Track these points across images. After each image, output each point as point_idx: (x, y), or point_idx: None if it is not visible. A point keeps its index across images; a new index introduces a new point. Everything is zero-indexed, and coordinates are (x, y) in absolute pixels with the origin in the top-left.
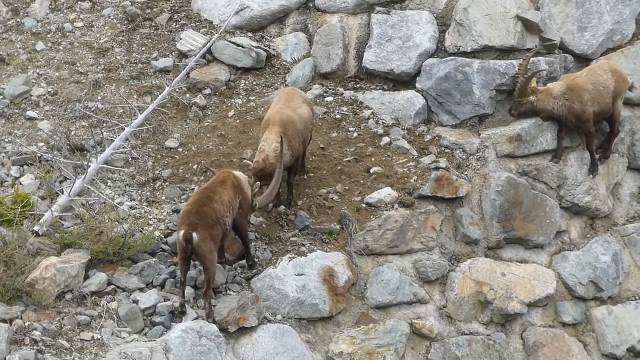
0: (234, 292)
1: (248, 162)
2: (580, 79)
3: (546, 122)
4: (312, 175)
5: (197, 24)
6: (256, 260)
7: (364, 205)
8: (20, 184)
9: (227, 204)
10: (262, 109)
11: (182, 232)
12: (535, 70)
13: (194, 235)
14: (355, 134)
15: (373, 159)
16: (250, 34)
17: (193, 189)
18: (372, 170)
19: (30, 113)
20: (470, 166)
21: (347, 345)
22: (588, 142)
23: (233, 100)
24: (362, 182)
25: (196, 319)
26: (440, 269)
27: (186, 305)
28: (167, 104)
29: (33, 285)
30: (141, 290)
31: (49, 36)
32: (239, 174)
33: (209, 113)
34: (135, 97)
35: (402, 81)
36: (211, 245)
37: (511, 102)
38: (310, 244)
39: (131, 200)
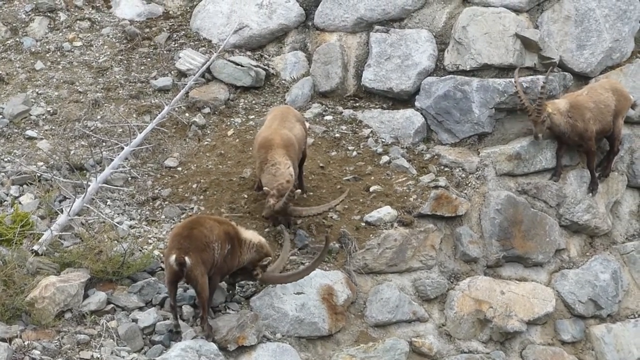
0: (233, 310)
1: (267, 189)
2: (582, 97)
3: (545, 140)
4: (311, 194)
5: (196, 42)
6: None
7: (363, 224)
8: (20, 203)
9: (216, 235)
10: (260, 128)
11: (173, 256)
12: (551, 89)
13: (187, 259)
14: (355, 153)
15: (372, 178)
16: (249, 53)
17: (192, 208)
18: (371, 189)
19: (30, 132)
20: (469, 184)
21: None
22: (589, 161)
23: (232, 119)
24: (361, 200)
25: (195, 337)
26: (439, 287)
27: (180, 326)
28: (166, 123)
29: (32, 304)
30: (140, 309)
31: (47, 55)
32: (242, 231)
33: (208, 132)
34: (134, 116)
35: (401, 99)
36: (202, 269)
37: (533, 126)
38: (309, 263)
39: (130, 219)
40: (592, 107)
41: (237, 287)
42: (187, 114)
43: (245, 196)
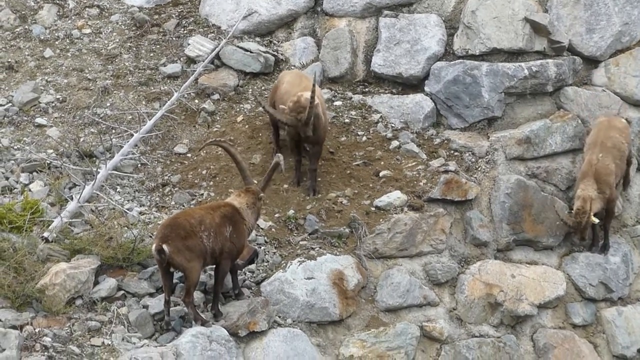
0: (244, 296)
1: (283, 107)
2: (599, 164)
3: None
4: (320, 179)
5: (205, 29)
6: (263, 264)
7: (373, 209)
8: (30, 190)
9: (207, 224)
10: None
11: (154, 246)
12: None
13: (164, 247)
14: (364, 138)
15: (382, 163)
16: (258, 39)
17: (202, 194)
18: (381, 174)
19: (39, 120)
20: (479, 169)
21: (357, 348)
22: (606, 220)
23: (241, 105)
24: (371, 185)
25: (207, 322)
26: (450, 272)
27: (170, 323)
28: (176, 110)
29: (43, 291)
30: (151, 295)
31: (56, 43)
32: (242, 205)
33: (218, 118)
34: (143, 103)
35: (411, 84)
36: (187, 255)
37: (577, 234)
38: (320, 248)
39: (140, 206)
40: (613, 169)
41: (247, 273)
42: (196, 101)
43: (255, 182)
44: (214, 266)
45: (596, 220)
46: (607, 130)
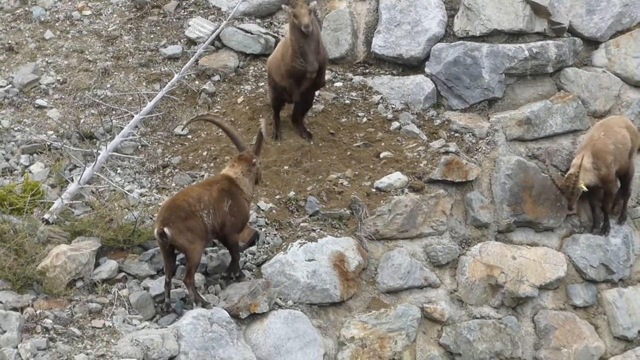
0: (244, 278)
1: None
2: (600, 140)
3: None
4: (320, 160)
5: (205, 10)
6: (264, 246)
7: (374, 190)
8: (30, 172)
9: (206, 202)
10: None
11: (155, 230)
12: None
13: (166, 229)
14: (365, 119)
15: (382, 144)
16: (258, 20)
17: (202, 176)
18: (381, 155)
19: (39, 101)
20: (479, 150)
21: (358, 330)
22: (605, 202)
23: (242, 87)
24: (371, 166)
25: (208, 304)
26: (451, 253)
27: (170, 305)
28: (176, 91)
29: (43, 273)
30: (152, 277)
31: (57, 24)
32: (237, 175)
33: (218, 99)
34: (144, 84)
35: (411, 66)
36: (189, 236)
37: (565, 200)
38: (320, 229)
39: (141, 187)
40: (612, 150)
41: (248, 255)
42: (196, 82)
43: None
44: (223, 242)
45: (584, 188)
46: (619, 122)
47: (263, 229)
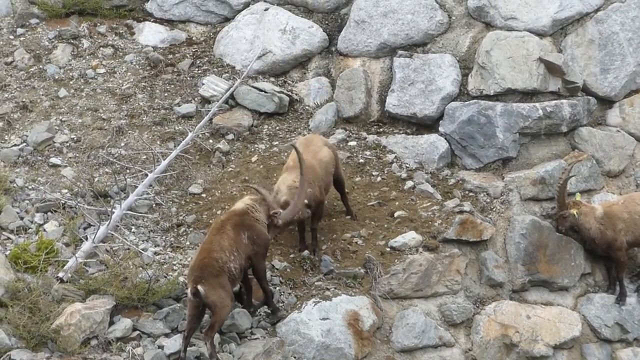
0: (259, 336)
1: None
2: (617, 206)
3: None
4: (334, 220)
5: (219, 69)
6: (278, 305)
7: (388, 249)
8: (44, 230)
9: (228, 247)
10: (285, 153)
11: (188, 289)
12: (568, 176)
13: (199, 287)
14: (379, 178)
15: (397, 203)
16: (272, 79)
17: None
18: (396, 214)
19: (54, 160)
20: (494, 209)
21: None
22: (618, 271)
23: (256, 145)
24: (386, 226)
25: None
26: (465, 312)
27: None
28: (190, 150)
29: (58, 331)
30: (166, 335)
31: (71, 82)
32: (247, 204)
33: (232, 158)
34: (158, 142)
35: (425, 125)
36: (221, 293)
37: (556, 217)
38: (335, 288)
39: (155, 246)
40: (625, 218)
41: (262, 313)
42: (211, 141)
43: None
44: (254, 273)
45: (579, 197)
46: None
47: (277, 288)
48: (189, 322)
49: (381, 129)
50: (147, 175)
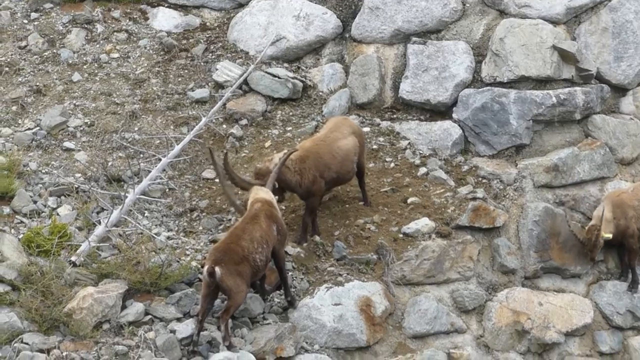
0: (271, 321)
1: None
2: (626, 194)
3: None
4: (347, 205)
5: (233, 54)
6: (296, 297)
7: (401, 235)
8: (57, 214)
9: (259, 239)
10: (299, 139)
11: (205, 267)
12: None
13: (217, 269)
14: (392, 164)
15: (410, 189)
16: (286, 65)
17: (230, 219)
18: (409, 201)
19: (67, 144)
20: (507, 196)
21: None
22: (630, 259)
23: (269, 131)
24: (399, 212)
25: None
26: (477, 299)
27: (198, 342)
28: (204, 135)
29: (70, 315)
30: (178, 320)
31: (85, 67)
32: (270, 196)
33: (246, 143)
34: (171, 127)
35: (439, 111)
36: (237, 280)
37: (587, 253)
38: (347, 274)
39: (168, 231)
40: (636, 205)
41: (275, 299)
42: (224, 126)
43: (283, 207)
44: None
45: (608, 236)
46: None
47: (290, 273)
48: (202, 302)
49: (395, 115)
50: (160, 159)
